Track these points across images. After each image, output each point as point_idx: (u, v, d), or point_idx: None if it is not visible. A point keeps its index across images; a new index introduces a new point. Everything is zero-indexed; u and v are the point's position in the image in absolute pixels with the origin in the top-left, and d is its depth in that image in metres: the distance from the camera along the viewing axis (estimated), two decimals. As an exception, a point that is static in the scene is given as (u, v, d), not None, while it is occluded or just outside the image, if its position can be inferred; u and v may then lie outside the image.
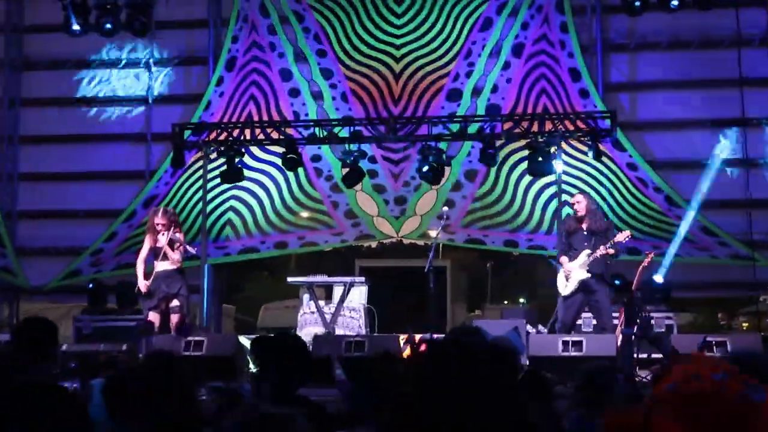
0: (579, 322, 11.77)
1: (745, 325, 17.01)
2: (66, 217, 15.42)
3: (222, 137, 13.62)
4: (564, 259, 10.89)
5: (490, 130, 13.28)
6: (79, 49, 15.37)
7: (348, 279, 12.93)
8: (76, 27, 14.11)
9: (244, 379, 10.53)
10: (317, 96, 14.97)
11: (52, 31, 15.16)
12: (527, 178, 13.96)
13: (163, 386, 3.37)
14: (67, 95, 15.72)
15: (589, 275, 10.71)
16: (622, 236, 10.77)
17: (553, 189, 13.53)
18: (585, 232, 10.85)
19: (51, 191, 15.63)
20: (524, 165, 13.64)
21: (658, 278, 12.25)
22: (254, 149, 14.48)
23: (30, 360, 4.66)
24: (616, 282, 11.57)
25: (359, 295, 13.36)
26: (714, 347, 10.24)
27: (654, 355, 10.77)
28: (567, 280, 10.83)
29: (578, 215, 10.93)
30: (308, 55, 15.04)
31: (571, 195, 13.57)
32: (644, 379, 9.22)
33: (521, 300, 33.33)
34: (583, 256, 10.73)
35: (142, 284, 11.18)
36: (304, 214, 14.84)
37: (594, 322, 11.63)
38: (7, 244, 15.29)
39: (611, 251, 10.74)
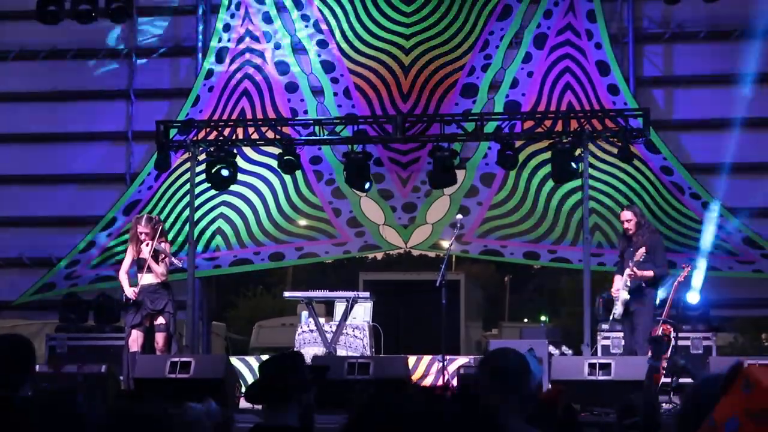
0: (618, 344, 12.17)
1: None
2: (38, 225, 15.51)
3: (211, 136, 13.68)
4: (615, 279, 11.34)
5: (508, 129, 13.35)
6: (54, 38, 15.42)
7: (351, 294, 13.01)
8: (50, 14, 14.18)
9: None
10: (317, 91, 15.05)
11: (23, 19, 15.25)
12: (550, 183, 14.03)
13: None
14: (40, 89, 15.79)
15: (628, 297, 11.06)
16: (638, 255, 11.05)
17: (578, 195, 13.58)
18: (632, 249, 11.14)
19: (21, 196, 15.71)
20: (547, 168, 13.70)
21: (694, 297, 12.33)
22: (247, 150, 14.56)
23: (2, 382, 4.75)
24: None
25: (363, 312, 13.43)
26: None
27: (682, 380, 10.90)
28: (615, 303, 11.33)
29: (628, 234, 11.28)
30: (307, 46, 15.13)
31: (599, 202, 13.73)
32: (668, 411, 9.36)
33: (543, 318, 33.44)
34: (625, 276, 11.09)
35: (130, 291, 11.31)
36: (303, 222, 14.91)
37: (623, 342, 11.77)
38: (-28, 254, 15.38)
39: (639, 273, 11.03)
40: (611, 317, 11.47)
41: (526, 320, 33.16)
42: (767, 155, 14.27)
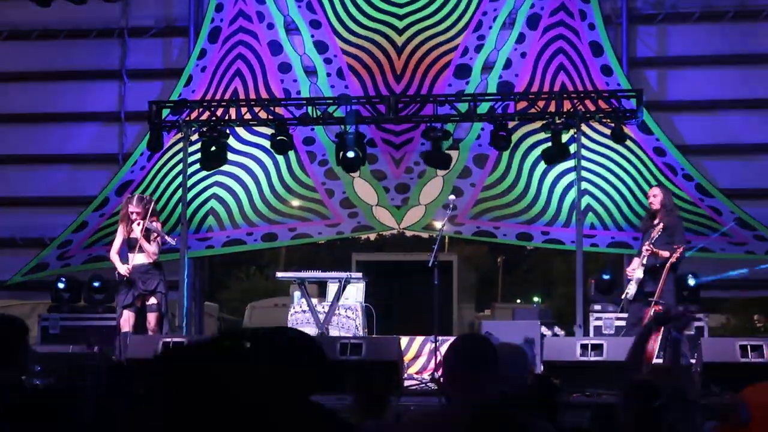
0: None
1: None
2: (30, 205, 15.49)
3: (204, 117, 13.66)
4: (633, 260, 11.47)
5: (502, 110, 13.34)
6: (46, 18, 15.37)
7: (344, 275, 13.01)
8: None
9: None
10: (310, 72, 15.02)
11: (15, -1, 15.23)
12: (543, 164, 14.02)
13: None
14: (32, 69, 15.74)
15: (642, 275, 11.08)
16: (655, 232, 11.03)
17: (571, 176, 13.58)
18: (656, 234, 11.13)
19: (13, 176, 15.69)
20: (540, 149, 13.70)
21: (692, 281, 12.38)
22: (240, 130, 14.54)
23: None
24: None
25: (356, 293, 13.44)
26: (749, 352, 10.33)
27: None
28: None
29: (652, 209, 11.27)
30: (300, 26, 15.08)
31: (592, 183, 13.73)
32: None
33: (535, 299, 33.54)
34: (643, 253, 11.09)
35: (123, 268, 11.32)
36: (296, 202, 14.90)
37: (616, 323, 11.78)
38: (-36, 234, 15.36)
39: (656, 250, 11.01)
40: (624, 296, 11.39)
41: (518, 301, 33.25)
42: (760, 136, 14.27)
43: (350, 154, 13.18)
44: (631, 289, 11.21)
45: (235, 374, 2.32)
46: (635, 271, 11.23)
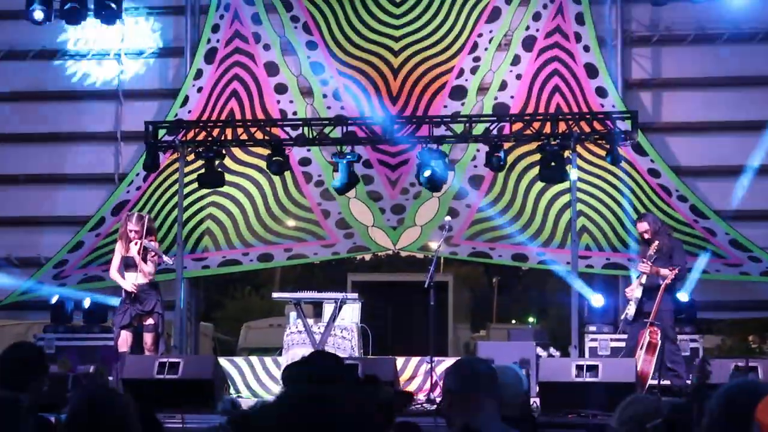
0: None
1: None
2: (26, 224, 15.51)
3: (200, 137, 13.72)
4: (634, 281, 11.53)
5: (497, 131, 13.41)
6: (43, 39, 15.44)
7: (339, 295, 13.03)
8: (38, 14, 14.21)
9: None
10: (306, 93, 15.09)
11: (11, 18, 15.27)
12: (538, 185, 14.09)
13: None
14: (28, 89, 15.79)
15: (640, 295, 11.15)
16: (651, 249, 11.10)
17: (567, 197, 13.64)
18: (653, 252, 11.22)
19: (8, 196, 15.71)
20: (535, 170, 13.75)
21: (683, 296, 12.40)
22: (236, 151, 14.59)
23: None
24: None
25: (352, 313, 13.46)
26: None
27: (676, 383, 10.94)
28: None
29: (647, 239, 11.36)
30: (297, 47, 15.15)
31: (587, 205, 13.80)
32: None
33: (530, 319, 33.53)
34: (639, 273, 11.18)
35: (129, 285, 11.34)
36: (291, 223, 14.94)
37: (611, 344, 11.83)
38: (-40, 254, 15.37)
39: (655, 268, 11.09)
40: (623, 316, 11.41)
41: (514, 322, 33.26)
42: (753, 158, 14.34)
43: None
44: (630, 310, 11.21)
45: None
46: (634, 291, 11.27)
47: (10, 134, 15.80)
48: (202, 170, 13.57)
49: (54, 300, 13.82)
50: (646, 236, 11.44)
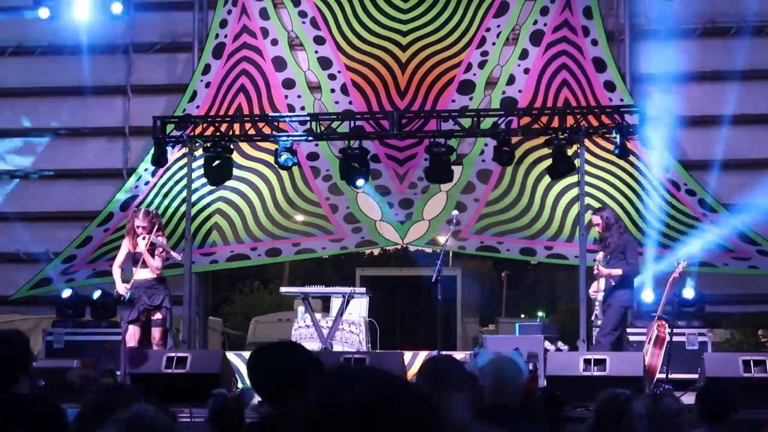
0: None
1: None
2: (34, 219, 15.55)
3: (208, 132, 13.75)
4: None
5: (505, 125, 13.41)
6: (50, 34, 15.46)
7: (347, 289, 13.07)
8: (45, 9, 14.23)
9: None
10: (314, 88, 15.11)
11: (18, 13, 15.30)
12: (546, 180, 14.10)
13: None
14: (37, 85, 15.83)
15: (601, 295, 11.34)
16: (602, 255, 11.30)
17: (575, 191, 13.63)
18: (603, 251, 11.36)
19: (17, 191, 15.76)
20: (543, 165, 13.76)
21: (689, 292, 12.40)
22: (244, 146, 14.61)
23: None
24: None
25: (359, 308, 13.49)
26: (752, 367, 10.37)
27: (689, 376, 10.97)
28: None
29: (601, 234, 11.45)
30: (305, 42, 15.17)
31: (596, 199, 13.81)
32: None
33: (539, 313, 33.50)
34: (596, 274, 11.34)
35: (121, 288, 11.32)
36: (300, 217, 14.96)
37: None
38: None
39: (605, 271, 11.20)
40: (592, 318, 11.60)
41: (522, 316, 33.23)
42: (761, 151, 14.34)
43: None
44: (598, 310, 11.44)
45: None
46: (597, 293, 11.42)
47: (17, 129, 15.84)
48: (211, 166, 13.57)
49: (66, 294, 13.82)
50: (598, 230, 11.56)
